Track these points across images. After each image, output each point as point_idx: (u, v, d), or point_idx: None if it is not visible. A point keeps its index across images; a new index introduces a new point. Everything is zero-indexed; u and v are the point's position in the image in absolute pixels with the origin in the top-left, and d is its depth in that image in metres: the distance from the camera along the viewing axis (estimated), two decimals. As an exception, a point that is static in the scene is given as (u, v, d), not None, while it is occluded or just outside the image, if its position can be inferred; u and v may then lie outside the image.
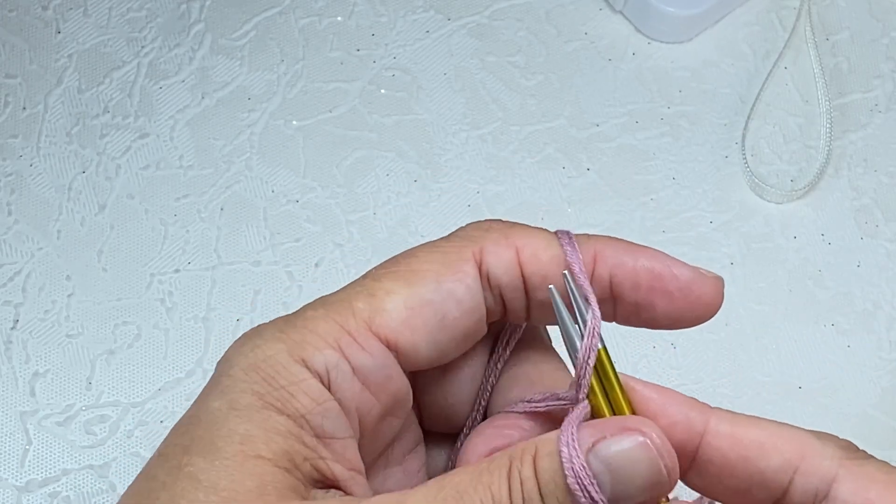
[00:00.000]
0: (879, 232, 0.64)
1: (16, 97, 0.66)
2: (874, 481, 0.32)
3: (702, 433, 0.33)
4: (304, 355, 0.34)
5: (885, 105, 0.68)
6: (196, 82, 0.67)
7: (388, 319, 0.35)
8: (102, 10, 0.68)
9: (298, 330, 0.34)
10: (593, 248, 0.36)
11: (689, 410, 0.33)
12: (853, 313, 0.62)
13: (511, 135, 0.66)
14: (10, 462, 0.57)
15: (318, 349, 0.34)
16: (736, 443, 0.33)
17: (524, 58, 0.68)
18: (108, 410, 0.59)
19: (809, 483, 0.32)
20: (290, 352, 0.34)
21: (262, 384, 0.33)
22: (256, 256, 0.63)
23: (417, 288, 0.35)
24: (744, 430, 0.33)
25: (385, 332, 0.34)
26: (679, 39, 0.69)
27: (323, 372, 0.34)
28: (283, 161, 0.65)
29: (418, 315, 0.35)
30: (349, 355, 0.34)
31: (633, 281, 0.35)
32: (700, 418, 0.33)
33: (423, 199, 0.64)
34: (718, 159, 0.66)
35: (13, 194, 0.63)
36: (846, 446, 0.33)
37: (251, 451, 0.31)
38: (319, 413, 0.33)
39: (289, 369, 0.33)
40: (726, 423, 0.33)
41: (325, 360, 0.34)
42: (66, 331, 0.60)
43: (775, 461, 0.32)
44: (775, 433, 0.33)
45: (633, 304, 0.36)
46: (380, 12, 0.69)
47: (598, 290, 0.35)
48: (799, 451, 0.32)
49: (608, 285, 0.36)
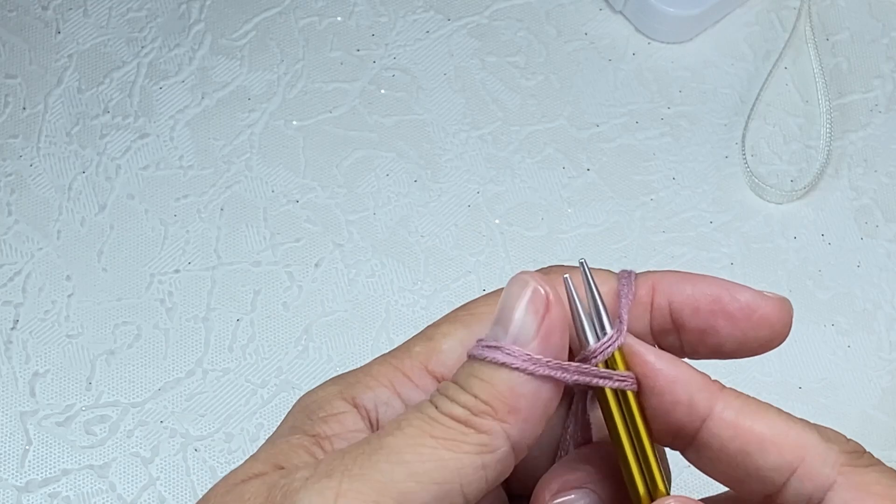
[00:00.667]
0: (879, 232, 0.64)
1: (16, 97, 0.66)
2: (870, 494, 0.31)
3: (704, 417, 0.32)
4: (354, 393, 0.34)
5: (885, 105, 0.68)
6: (196, 82, 0.67)
7: (445, 358, 0.34)
8: (102, 10, 0.68)
9: (355, 374, 0.34)
10: (651, 281, 0.36)
11: (695, 392, 0.32)
12: (853, 313, 0.62)
13: (511, 135, 0.66)
14: (10, 462, 0.57)
15: (369, 388, 0.34)
16: (737, 434, 0.32)
17: (524, 58, 0.68)
18: (108, 410, 0.59)
19: (805, 487, 0.32)
20: (342, 391, 0.34)
21: (302, 417, 0.33)
22: (256, 256, 0.63)
23: (475, 328, 0.35)
24: (748, 422, 0.32)
25: (441, 370, 0.34)
26: (679, 39, 0.69)
27: (371, 408, 0.34)
28: (283, 161, 0.65)
29: None
30: (401, 392, 0.34)
31: (692, 306, 0.35)
32: (705, 402, 0.32)
33: (423, 199, 0.64)
34: (718, 159, 0.66)
35: (13, 194, 0.63)
36: (851, 450, 0.32)
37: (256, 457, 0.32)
38: (346, 439, 0.33)
39: (332, 403, 0.33)
40: (731, 412, 0.32)
41: (374, 396, 0.34)
42: (66, 331, 0.60)
43: (773, 460, 0.32)
44: (779, 431, 0.32)
45: (696, 330, 0.35)
46: (380, 12, 0.69)
47: (659, 322, 0.35)
48: (800, 453, 0.32)
49: (668, 313, 0.35)
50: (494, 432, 0.31)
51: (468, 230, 0.64)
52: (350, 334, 0.61)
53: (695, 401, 0.32)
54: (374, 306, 0.62)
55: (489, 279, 0.62)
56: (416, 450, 0.31)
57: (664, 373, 0.33)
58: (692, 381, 0.33)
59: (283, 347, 0.61)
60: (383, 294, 0.62)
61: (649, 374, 0.33)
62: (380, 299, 0.62)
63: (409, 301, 0.62)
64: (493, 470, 0.31)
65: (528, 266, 0.63)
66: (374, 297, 0.62)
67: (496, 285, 0.62)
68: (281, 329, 0.61)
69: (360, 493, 0.30)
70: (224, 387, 0.60)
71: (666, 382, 0.33)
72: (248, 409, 0.59)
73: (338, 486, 0.30)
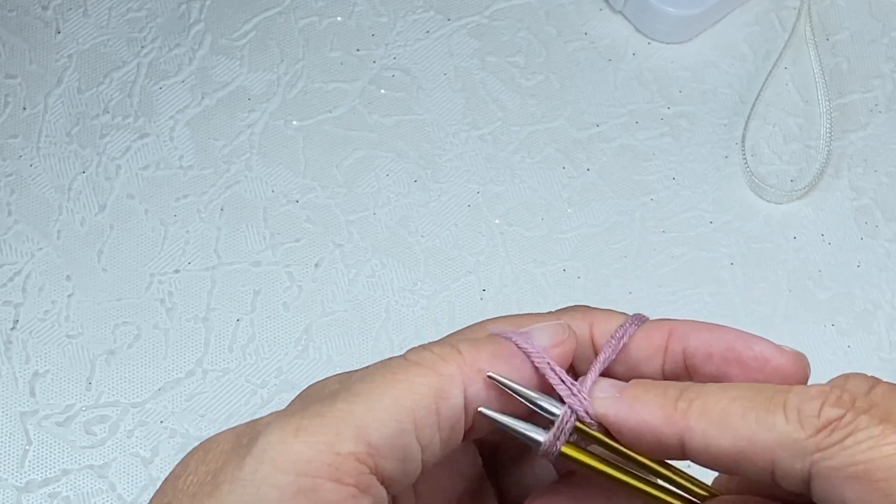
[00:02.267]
0: (879, 232, 0.64)
1: (16, 97, 0.66)
2: (847, 479, 0.30)
3: (680, 448, 0.33)
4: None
5: (885, 105, 0.68)
6: (196, 82, 0.67)
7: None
8: (102, 10, 0.68)
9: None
10: (668, 327, 0.36)
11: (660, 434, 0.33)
12: (853, 313, 0.62)
13: (511, 135, 0.66)
14: (10, 462, 0.57)
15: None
16: (712, 457, 0.32)
17: (524, 58, 0.68)
18: (108, 410, 0.59)
19: (789, 484, 0.32)
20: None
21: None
22: (256, 256, 0.63)
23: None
24: (716, 444, 0.32)
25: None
26: (679, 39, 0.69)
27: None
28: (283, 161, 0.65)
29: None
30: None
31: (705, 352, 0.35)
32: (675, 439, 0.33)
33: (423, 199, 0.64)
34: (718, 159, 0.66)
35: (13, 194, 0.63)
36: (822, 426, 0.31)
37: None
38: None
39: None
40: (698, 439, 0.32)
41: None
42: (66, 331, 0.60)
43: (751, 469, 0.32)
44: (745, 441, 0.32)
45: (707, 376, 0.35)
46: (380, 12, 0.69)
47: (671, 366, 0.36)
48: (769, 457, 0.31)
49: (681, 359, 0.36)
50: (453, 379, 0.32)
51: (468, 230, 0.64)
52: (350, 334, 0.61)
53: (664, 441, 0.33)
54: (374, 306, 0.62)
55: (489, 279, 0.62)
56: (375, 389, 0.32)
57: (626, 426, 0.33)
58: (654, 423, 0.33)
59: (283, 347, 0.61)
60: (383, 294, 0.62)
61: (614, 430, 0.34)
62: (380, 299, 0.62)
63: (409, 301, 0.62)
64: (446, 421, 0.32)
65: (528, 266, 0.63)
66: (374, 297, 0.62)
67: (496, 285, 0.62)
68: (281, 329, 0.61)
69: (319, 427, 0.31)
70: (224, 387, 0.60)
71: (631, 435, 0.33)
72: (248, 409, 0.59)
73: (298, 422, 0.31)
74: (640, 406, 0.33)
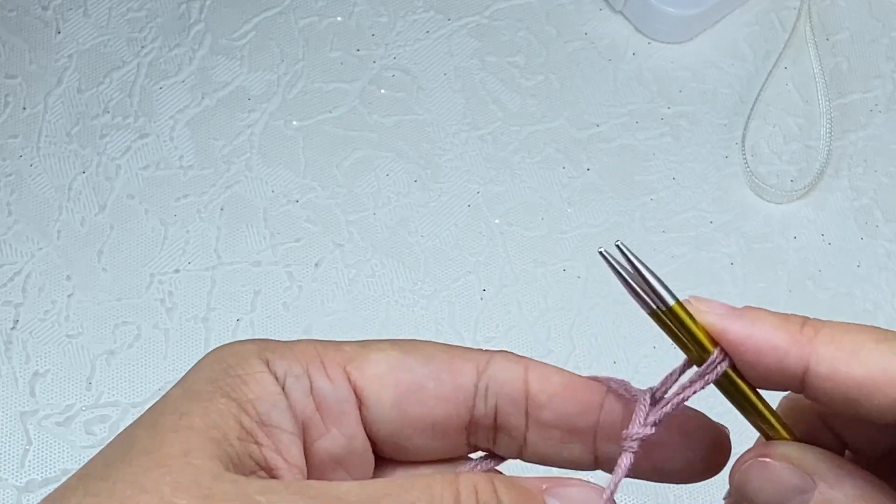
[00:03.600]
0: (879, 232, 0.64)
1: (16, 97, 0.66)
2: None
3: (802, 376, 0.32)
4: (269, 357, 0.34)
5: (885, 105, 0.68)
6: (196, 82, 0.67)
7: (366, 366, 0.35)
8: (102, 10, 0.68)
9: (279, 344, 0.35)
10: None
11: (783, 356, 0.32)
12: (853, 313, 0.62)
13: (511, 135, 0.66)
14: (10, 462, 0.57)
15: (284, 357, 0.34)
16: (837, 385, 0.31)
17: (524, 58, 0.68)
18: (108, 411, 0.59)
19: None
20: (259, 352, 0.34)
21: (219, 371, 0.34)
22: (256, 256, 0.63)
23: (406, 356, 0.35)
24: (844, 371, 0.31)
25: (357, 375, 0.35)
26: (679, 39, 0.69)
27: (281, 376, 0.34)
28: (283, 161, 0.65)
29: (394, 374, 0.35)
30: (312, 375, 0.34)
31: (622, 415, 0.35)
32: (797, 362, 0.31)
33: (423, 199, 0.64)
34: (718, 159, 0.66)
35: (13, 194, 0.63)
36: None
37: (186, 423, 0.32)
38: (267, 402, 0.33)
39: (248, 361, 0.34)
40: (825, 366, 0.31)
41: (287, 367, 0.34)
42: (66, 331, 0.60)
43: (880, 401, 0.31)
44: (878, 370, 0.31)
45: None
46: (380, 12, 0.69)
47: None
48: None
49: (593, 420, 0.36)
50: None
51: (468, 230, 0.64)
52: (350, 334, 0.61)
53: (786, 365, 0.32)
54: (374, 306, 0.62)
55: (489, 279, 0.62)
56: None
57: (747, 344, 0.32)
58: (776, 343, 0.32)
59: (283, 347, 0.61)
60: (383, 294, 0.62)
61: (734, 352, 0.32)
62: (380, 299, 0.62)
63: (409, 301, 0.62)
64: None
65: (528, 266, 0.63)
66: (374, 297, 0.62)
67: (496, 285, 0.62)
68: (281, 329, 0.61)
69: None
70: (224, 387, 0.60)
71: (752, 355, 0.32)
72: (248, 409, 0.59)
73: None
74: (763, 325, 0.32)
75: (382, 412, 0.35)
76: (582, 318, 0.62)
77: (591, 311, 0.62)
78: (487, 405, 0.35)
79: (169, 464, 0.31)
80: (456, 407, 0.35)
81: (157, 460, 0.31)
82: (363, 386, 0.35)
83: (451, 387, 0.35)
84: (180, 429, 0.32)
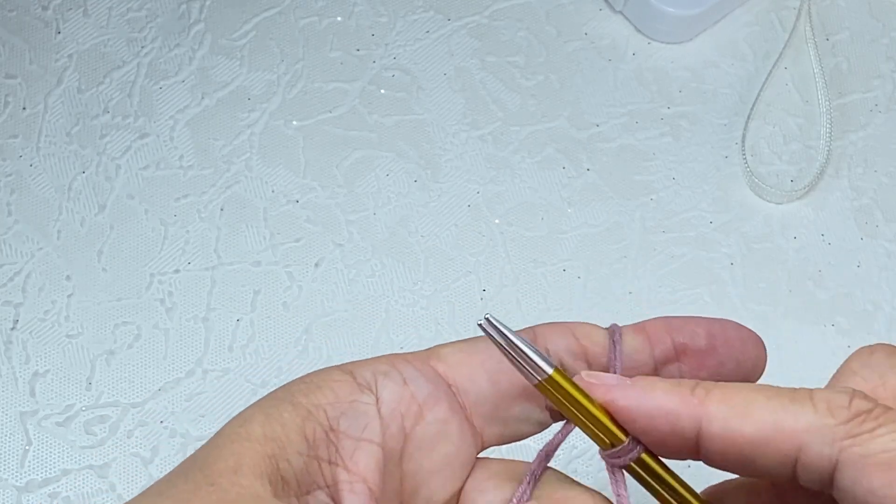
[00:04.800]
0: (879, 232, 0.64)
1: (16, 97, 0.66)
2: (875, 465, 0.30)
3: (696, 436, 0.32)
4: (353, 368, 0.34)
5: (885, 105, 0.68)
6: (196, 82, 0.67)
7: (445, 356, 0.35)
8: (102, 10, 0.68)
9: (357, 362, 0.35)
10: (644, 326, 0.37)
11: (676, 419, 0.32)
12: (853, 313, 0.62)
13: (511, 135, 0.66)
14: (10, 462, 0.57)
15: (368, 365, 0.34)
16: (730, 443, 0.31)
17: (524, 58, 0.68)
18: (108, 411, 0.59)
19: (811, 474, 0.31)
20: (342, 368, 0.34)
21: (296, 382, 0.33)
22: (256, 256, 0.63)
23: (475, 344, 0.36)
24: (737, 429, 0.31)
25: (442, 366, 0.35)
26: (679, 39, 0.69)
27: (370, 377, 0.34)
28: (283, 161, 0.65)
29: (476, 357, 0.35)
30: (400, 368, 0.34)
31: (690, 330, 0.36)
32: (690, 423, 0.32)
33: (423, 199, 0.64)
34: (718, 159, 0.66)
35: (13, 194, 0.63)
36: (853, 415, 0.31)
37: (245, 432, 0.32)
38: (338, 408, 0.32)
39: (329, 372, 0.34)
40: (717, 424, 0.31)
41: (372, 369, 0.34)
42: (66, 331, 0.60)
43: (773, 456, 0.31)
44: (770, 427, 0.31)
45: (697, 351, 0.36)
46: (380, 12, 0.69)
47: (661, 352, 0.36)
48: (795, 442, 0.31)
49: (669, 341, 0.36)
50: None
51: (468, 230, 0.64)
52: (350, 334, 0.61)
53: (679, 428, 0.32)
54: (374, 306, 0.62)
55: (489, 279, 0.62)
56: None
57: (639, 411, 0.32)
58: (669, 408, 0.32)
59: (283, 347, 0.61)
60: (383, 294, 0.62)
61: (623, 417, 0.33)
62: (380, 299, 0.62)
63: (409, 301, 0.62)
64: None
65: (528, 266, 0.63)
66: (374, 297, 0.62)
67: (496, 285, 0.62)
68: (281, 329, 0.61)
69: None
70: (224, 387, 0.60)
71: (645, 421, 0.32)
72: (248, 409, 0.59)
73: None
74: (654, 391, 0.32)
75: (480, 391, 0.35)
76: (582, 318, 0.61)
77: (591, 311, 0.62)
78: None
79: (218, 482, 0.30)
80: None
81: (208, 477, 0.30)
82: (453, 374, 0.35)
83: None
84: (238, 439, 0.31)
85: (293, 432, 0.32)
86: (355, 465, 0.32)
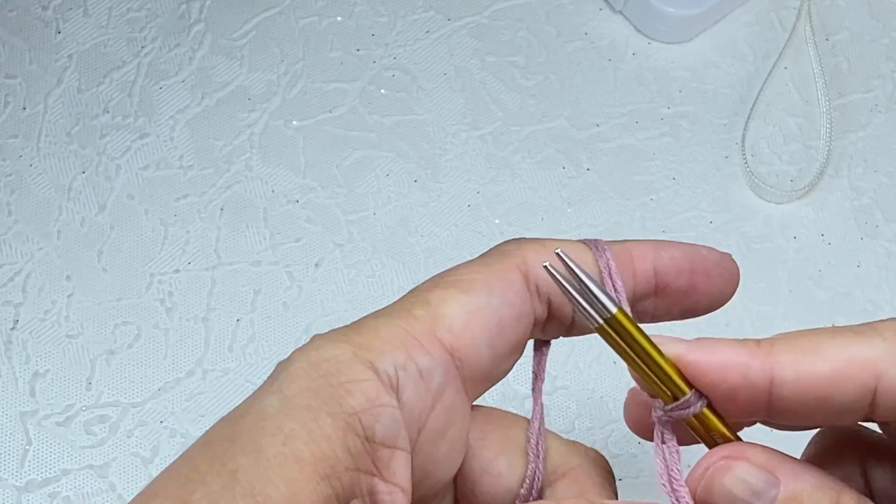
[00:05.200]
0: (879, 232, 0.64)
1: (16, 97, 0.66)
2: None
3: (768, 387, 0.32)
4: (371, 357, 0.33)
5: (885, 105, 0.68)
6: (196, 82, 0.67)
7: (450, 324, 0.35)
8: (102, 10, 0.68)
9: (363, 335, 0.34)
10: (628, 250, 0.36)
11: (747, 370, 0.32)
12: (853, 313, 0.62)
13: (511, 135, 0.66)
14: (10, 462, 0.57)
15: (384, 352, 0.33)
16: (807, 387, 0.31)
17: (524, 58, 0.68)
18: (108, 410, 0.59)
19: (888, 405, 0.31)
20: (356, 353, 0.33)
21: (320, 381, 0.32)
22: (256, 256, 0.63)
23: (472, 295, 0.35)
24: (810, 371, 0.31)
25: (448, 337, 0.35)
26: (679, 39, 0.69)
27: (392, 374, 0.33)
28: (283, 161, 0.65)
29: (477, 319, 0.35)
30: (416, 358, 0.34)
31: (676, 268, 0.36)
32: (761, 374, 0.32)
33: (423, 199, 0.64)
34: (718, 159, 0.66)
35: (13, 194, 0.63)
36: None
37: (291, 452, 0.30)
38: (373, 415, 0.32)
39: (351, 367, 0.33)
40: (790, 370, 0.31)
41: (393, 361, 0.33)
42: (66, 331, 0.60)
43: (852, 391, 0.31)
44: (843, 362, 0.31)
45: (677, 291, 0.36)
46: (380, 12, 0.69)
47: (642, 287, 0.36)
48: (873, 371, 0.31)
49: (652, 278, 0.36)
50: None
51: (468, 230, 0.64)
52: (350, 334, 0.61)
53: (751, 379, 0.32)
54: (374, 306, 0.61)
55: (489, 279, 0.62)
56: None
57: (709, 364, 0.32)
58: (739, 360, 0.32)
59: (283, 347, 0.61)
60: (383, 294, 0.62)
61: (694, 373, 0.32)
62: (380, 299, 0.62)
63: (409, 301, 0.62)
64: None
65: (528, 266, 0.63)
66: (374, 297, 0.62)
67: (496, 285, 0.62)
68: (281, 329, 0.61)
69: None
70: (224, 387, 0.60)
71: (716, 375, 0.32)
72: (248, 409, 0.59)
73: None
74: (721, 347, 0.32)
75: (479, 358, 0.35)
76: (582, 318, 0.62)
77: (591, 311, 0.62)
78: (542, 303, 0.36)
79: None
80: (528, 316, 0.36)
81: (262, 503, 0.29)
82: (458, 344, 0.34)
83: (518, 302, 0.35)
84: (286, 460, 0.30)
85: (339, 448, 0.31)
86: (392, 475, 0.32)
